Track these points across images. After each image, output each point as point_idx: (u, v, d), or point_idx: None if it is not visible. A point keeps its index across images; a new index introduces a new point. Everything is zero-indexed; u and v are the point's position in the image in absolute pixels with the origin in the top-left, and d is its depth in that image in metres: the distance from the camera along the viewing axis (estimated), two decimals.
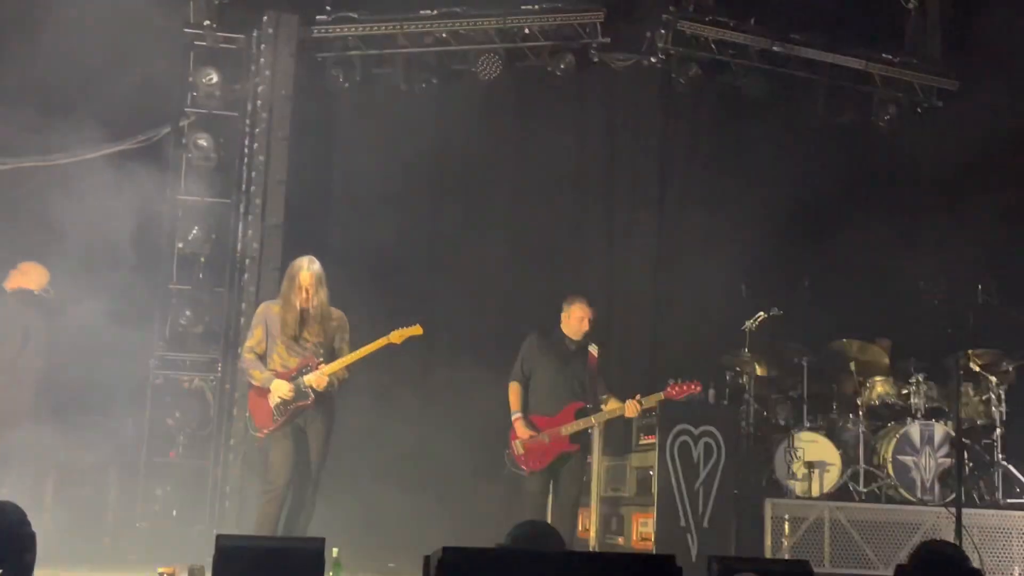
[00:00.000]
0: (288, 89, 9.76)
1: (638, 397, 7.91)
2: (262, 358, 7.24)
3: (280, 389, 7.08)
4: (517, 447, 7.78)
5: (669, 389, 8.02)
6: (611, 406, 7.92)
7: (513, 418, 7.84)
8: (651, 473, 8.65)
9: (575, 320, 8.04)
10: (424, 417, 9.53)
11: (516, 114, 10.71)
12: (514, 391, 7.92)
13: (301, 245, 8.06)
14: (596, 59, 10.39)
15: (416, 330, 7.36)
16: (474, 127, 10.33)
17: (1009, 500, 9.30)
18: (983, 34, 11.15)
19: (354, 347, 7.27)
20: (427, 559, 4.07)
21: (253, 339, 7.30)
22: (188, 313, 9.44)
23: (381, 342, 7.27)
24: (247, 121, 9.73)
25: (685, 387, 8.08)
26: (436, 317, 8.26)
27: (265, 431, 7.17)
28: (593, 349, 8.06)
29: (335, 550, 5.91)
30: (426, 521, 8.90)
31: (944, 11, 11.07)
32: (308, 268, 7.21)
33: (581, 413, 7.87)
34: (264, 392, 7.14)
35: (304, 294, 7.16)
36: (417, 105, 10.05)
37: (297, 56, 9.90)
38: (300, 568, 4.61)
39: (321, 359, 7.17)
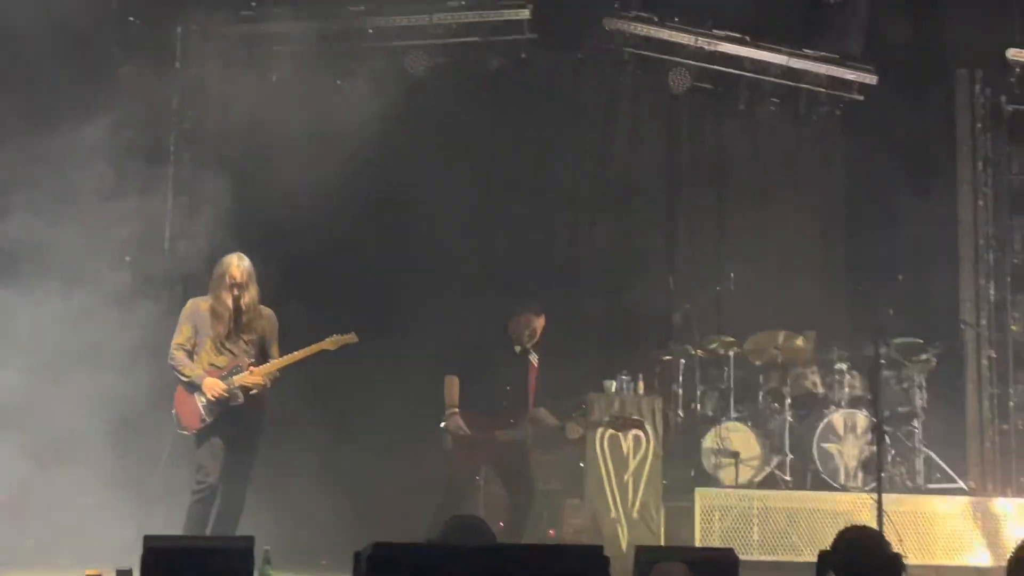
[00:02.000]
0: (215, 84, 9.68)
1: (576, 427, 7.99)
2: (190, 355, 7.17)
3: (213, 388, 7.01)
4: (446, 441, 7.66)
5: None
6: (549, 421, 7.87)
7: (449, 413, 7.66)
8: (581, 465, 8.75)
9: (536, 330, 7.85)
10: (355, 415, 9.51)
11: (447, 112, 10.66)
12: (453, 385, 7.72)
13: (230, 242, 7.99)
14: (524, 55, 10.41)
15: (351, 338, 7.32)
16: (406, 123, 10.28)
17: (930, 485, 9.58)
18: (902, 29, 11.39)
19: (285, 350, 7.23)
20: (357, 555, 4.09)
21: (182, 336, 7.21)
22: (114, 311, 9.29)
23: (315, 348, 7.23)
24: (174, 117, 9.63)
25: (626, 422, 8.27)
26: (372, 320, 8.24)
27: (192, 430, 7.12)
28: (534, 359, 7.97)
29: (265, 548, 5.90)
30: (357, 518, 8.88)
31: (866, 6, 11.25)
32: (238, 264, 7.13)
33: (514, 426, 7.72)
34: (193, 390, 7.08)
35: (234, 291, 7.09)
36: (347, 103, 9.98)
37: (224, 51, 9.81)
38: (229, 567, 4.60)
39: (252, 359, 7.12)
